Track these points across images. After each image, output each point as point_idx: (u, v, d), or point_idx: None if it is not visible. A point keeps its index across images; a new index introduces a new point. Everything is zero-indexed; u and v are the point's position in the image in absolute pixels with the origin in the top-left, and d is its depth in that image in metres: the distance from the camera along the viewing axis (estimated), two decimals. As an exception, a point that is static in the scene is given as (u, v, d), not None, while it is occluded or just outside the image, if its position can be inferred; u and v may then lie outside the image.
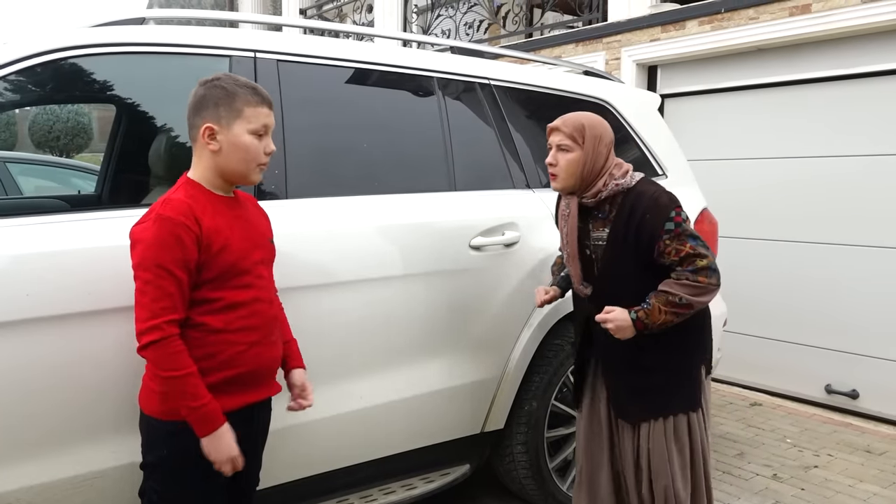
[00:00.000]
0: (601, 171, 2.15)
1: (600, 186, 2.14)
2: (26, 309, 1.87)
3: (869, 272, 4.43)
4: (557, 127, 2.16)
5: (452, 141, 2.80)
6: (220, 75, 1.82)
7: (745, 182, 5.00)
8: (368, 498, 2.54)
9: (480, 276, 2.71)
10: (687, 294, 2.04)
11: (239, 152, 1.79)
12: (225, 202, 1.84)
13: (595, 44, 5.79)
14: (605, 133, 2.16)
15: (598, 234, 2.19)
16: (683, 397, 2.18)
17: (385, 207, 2.56)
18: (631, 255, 2.12)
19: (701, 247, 2.07)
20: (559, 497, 2.98)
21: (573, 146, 2.13)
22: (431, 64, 2.85)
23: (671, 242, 2.06)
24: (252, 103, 1.79)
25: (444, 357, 2.66)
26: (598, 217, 2.19)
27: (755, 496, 3.36)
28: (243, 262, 1.82)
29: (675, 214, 2.08)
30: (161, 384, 1.72)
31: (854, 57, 4.43)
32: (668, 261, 2.08)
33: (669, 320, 2.06)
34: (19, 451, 1.90)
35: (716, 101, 5.18)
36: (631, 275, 2.14)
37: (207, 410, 1.71)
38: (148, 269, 1.68)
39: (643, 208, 2.09)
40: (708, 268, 2.05)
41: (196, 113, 1.79)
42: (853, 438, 4.13)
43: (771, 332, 4.87)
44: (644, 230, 2.08)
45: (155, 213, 1.72)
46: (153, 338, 1.67)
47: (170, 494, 1.81)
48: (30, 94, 2.17)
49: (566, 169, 2.14)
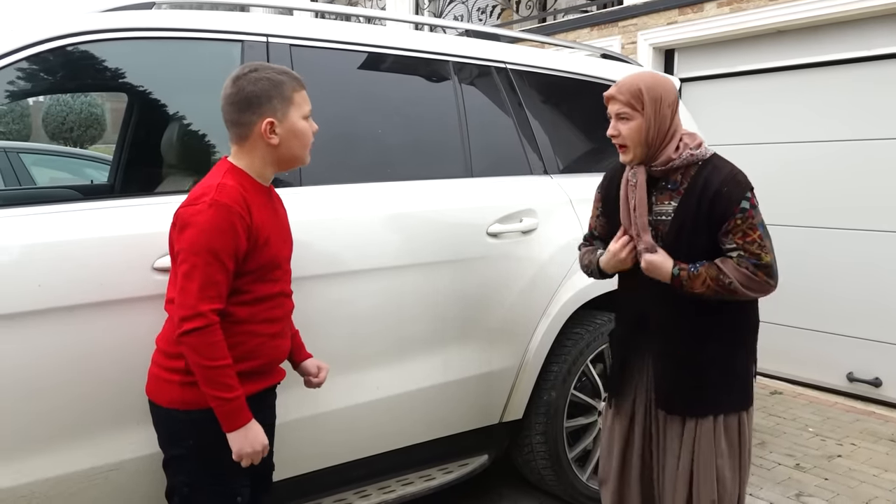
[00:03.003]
0: (668, 135, 2.00)
1: (671, 153, 2.00)
2: (38, 300, 1.84)
3: (892, 258, 4.34)
4: (613, 95, 2.02)
5: (469, 126, 2.75)
6: (254, 66, 1.80)
7: (765, 166, 4.90)
8: (387, 489, 2.51)
9: (498, 263, 2.67)
10: (739, 282, 1.92)
11: (298, 139, 1.81)
12: (265, 193, 1.84)
13: (610, 28, 5.70)
14: (665, 93, 2.00)
15: (663, 207, 2.04)
16: (737, 395, 2.07)
17: (401, 194, 2.51)
18: (700, 231, 1.98)
19: (768, 241, 1.95)
20: (578, 487, 2.94)
21: (633, 113, 1.98)
22: (446, 48, 2.79)
23: (742, 223, 1.93)
24: (297, 88, 1.81)
25: (461, 346, 2.62)
26: (665, 188, 2.04)
27: (778, 486, 3.31)
28: (278, 257, 1.83)
29: (750, 195, 1.95)
30: (197, 372, 1.67)
31: (877, 38, 4.32)
32: (730, 242, 1.95)
33: (708, 293, 1.95)
34: (33, 444, 1.88)
35: (734, 85, 5.09)
36: (698, 253, 1.99)
37: (238, 404, 1.69)
38: (198, 254, 1.65)
39: (720, 181, 1.95)
40: (770, 266, 1.94)
41: (247, 110, 1.76)
42: (877, 427, 4.06)
43: (792, 319, 4.79)
44: (718, 203, 1.94)
45: (210, 198, 1.67)
46: (198, 324, 1.64)
47: (202, 484, 1.79)
48: (38, 83, 2.14)
49: (631, 138, 1.99)
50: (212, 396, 1.67)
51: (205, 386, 1.67)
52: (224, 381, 1.66)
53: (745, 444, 2.10)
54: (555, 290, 2.78)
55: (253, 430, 1.72)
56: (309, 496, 2.39)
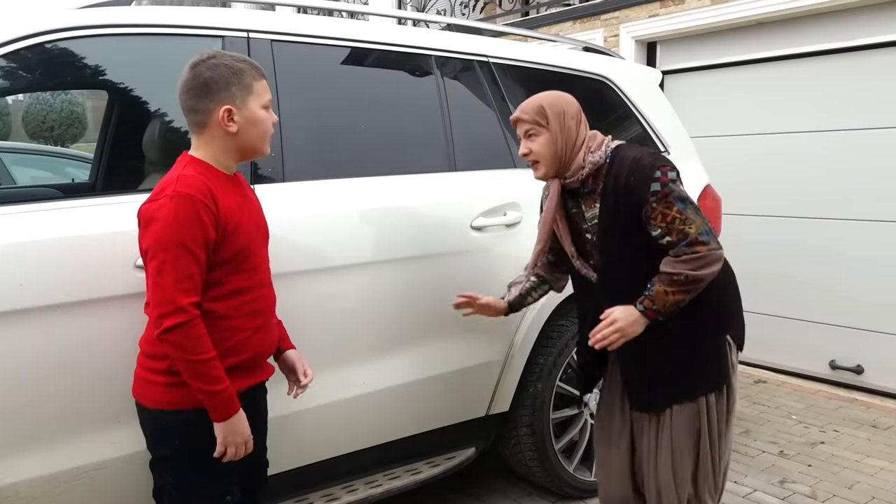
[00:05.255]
0: (576, 146, 2.04)
1: (580, 162, 2.03)
2: (20, 299, 1.82)
3: (873, 247, 4.39)
4: (518, 117, 2.08)
5: (452, 120, 2.75)
6: (211, 53, 1.76)
7: (747, 158, 4.94)
8: (373, 483, 2.51)
9: (482, 257, 2.67)
10: (689, 269, 1.90)
11: (257, 128, 1.78)
12: (231, 181, 1.81)
13: (593, 21, 5.72)
14: (567, 107, 2.05)
15: (592, 211, 2.07)
16: (710, 375, 2.07)
17: (385, 189, 2.51)
18: (626, 227, 1.99)
19: (690, 209, 1.92)
20: (565, 478, 2.96)
21: (539, 129, 2.04)
22: (429, 42, 2.79)
23: (657, 206, 1.92)
24: (256, 77, 1.78)
25: (447, 340, 2.62)
26: (587, 195, 2.08)
27: (762, 473, 3.34)
28: (252, 245, 1.80)
29: (659, 175, 1.91)
30: (183, 367, 1.65)
31: (854, 29, 4.37)
32: (654, 228, 1.94)
33: (680, 299, 1.93)
34: (18, 444, 1.86)
35: (716, 77, 5.12)
36: (633, 251, 2.01)
37: (228, 395, 1.68)
38: (167, 249, 1.61)
39: (626, 172, 1.96)
40: (698, 237, 1.90)
41: (204, 96, 1.72)
42: (859, 414, 4.11)
43: (775, 308, 4.84)
44: (630, 194, 1.95)
45: (171, 190, 1.63)
46: (178, 320, 1.60)
47: (187, 484, 1.78)
48: (16, 81, 2.12)
49: (541, 153, 2.04)
50: (200, 389, 1.65)
51: (192, 380, 1.65)
52: (211, 374, 1.65)
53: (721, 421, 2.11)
54: (539, 282, 2.79)
55: (240, 423, 1.72)
56: (296, 492, 2.39)
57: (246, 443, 1.74)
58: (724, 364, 2.09)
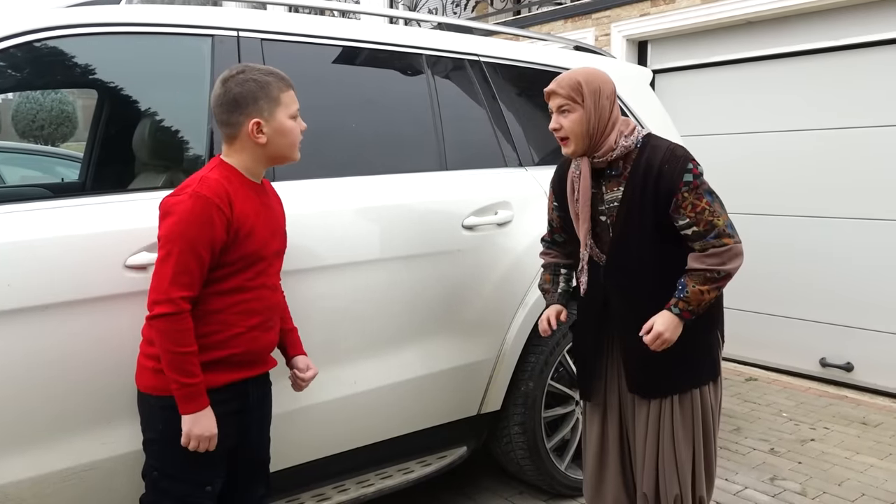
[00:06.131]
0: (608, 126, 2.04)
1: (612, 144, 2.04)
2: (8, 300, 1.81)
3: (862, 245, 4.42)
4: (553, 90, 2.05)
5: (443, 119, 2.75)
6: (241, 68, 1.85)
7: (737, 156, 4.96)
8: (365, 483, 2.51)
9: (474, 256, 2.67)
10: (719, 264, 1.96)
11: (286, 138, 1.87)
12: (255, 189, 1.89)
13: (584, 20, 5.72)
14: (603, 85, 2.05)
15: (613, 194, 2.08)
16: (706, 368, 2.13)
17: (376, 188, 2.51)
18: (649, 213, 2.02)
19: (717, 203, 1.99)
20: (557, 477, 2.97)
21: (573, 105, 2.03)
22: (420, 41, 2.79)
23: (689, 196, 1.97)
24: (283, 88, 1.86)
25: (439, 339, 2.63)
26: (611, 176, 2.09)
27: (753, 470, 3.36)
28: (263, 251, 1.87)
29: (692, 166, 1.99)
30: (162, 355, 1.72)
31: (844, 28, 4.39)
32: (682, 218, 1.99)
33: (713, 297, 1.99)
34: (7, 445, 1.85)
35: (707, 76, 5.14)
36: (649, 237, 2.04)
37: (196, 390, 1.74)
38: (174, 242, 1.71)
39: (660, 160, 2.00)
40: (725, 228, 1.98)
41: (234, 110, 1.81)
42: (849, 411, 4.14)
43: (765, 306, 4.86)
44: (662, 182, 1.99)
45: (192, 189, 1.74)
46: (166, 310, 1.69)
47: (168, 468, 1.83)
48: (5, 80, 2.10)
49: (572, 130, 2.03)
50: (173, 379, 1.72)
51: (168, 369, 1.72)
52: (187, 368, 1.72)
53: (708, 415, 2.15)
54: (531, 281, 2.80)
55: (206, 418, 1.76)
56: (287, 492, 2.38)
57: (210, 438, 1.78)
58: (719, 356, 2.16)
